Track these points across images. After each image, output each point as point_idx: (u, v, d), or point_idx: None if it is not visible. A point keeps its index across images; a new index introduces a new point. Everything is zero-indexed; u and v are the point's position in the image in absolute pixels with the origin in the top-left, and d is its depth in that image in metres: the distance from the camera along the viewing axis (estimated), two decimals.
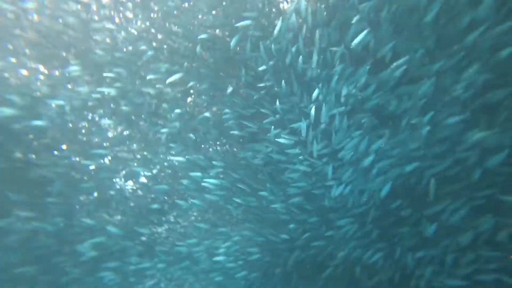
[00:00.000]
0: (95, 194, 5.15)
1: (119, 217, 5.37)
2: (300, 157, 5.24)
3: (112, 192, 5.26)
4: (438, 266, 4.69)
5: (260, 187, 5.70)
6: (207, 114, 4.76)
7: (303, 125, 4.78)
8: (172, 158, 5.23)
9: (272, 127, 4.96)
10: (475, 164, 4.52)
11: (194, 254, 6.36)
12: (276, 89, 5.02)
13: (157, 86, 4.77)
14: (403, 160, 5.04)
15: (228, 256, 6.10)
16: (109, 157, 4.89)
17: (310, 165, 5.19)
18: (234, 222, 6.24)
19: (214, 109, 5.19)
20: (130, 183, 5.42)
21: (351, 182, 5.14)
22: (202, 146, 5.60)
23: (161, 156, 5.21)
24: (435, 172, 4.81)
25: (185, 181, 5.70)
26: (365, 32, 4.41)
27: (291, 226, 5.62)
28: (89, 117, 4.89)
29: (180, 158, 5.23)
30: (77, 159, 4.91)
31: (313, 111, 4.80)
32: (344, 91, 4.73)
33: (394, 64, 4.62)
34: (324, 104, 4.83)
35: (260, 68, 4.90)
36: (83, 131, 4.94)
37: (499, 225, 4.31)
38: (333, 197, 5.10)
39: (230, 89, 4.75)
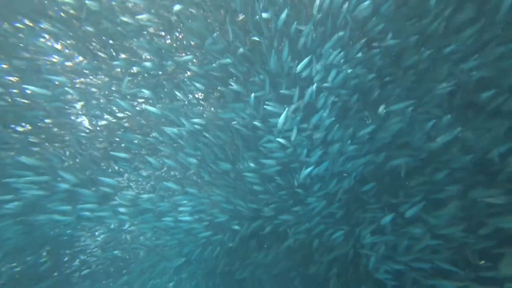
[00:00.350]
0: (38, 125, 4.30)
1: (69, 158, 4.76)
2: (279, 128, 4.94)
3: (63, 128, 4.53)
4: (390, 250, 4.92)
5: (235, 152, 5.39)
6: (187, 57, 4.08)
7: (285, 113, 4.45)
8: (139, 103, 4.61)
9: (253, 94, 4.51)
10: (446, 160, 4.57)
11: (156, 210, 6.12)
12: (264, 46, 4.49)
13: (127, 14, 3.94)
14: (376, 147, 4.99)
15: (192, 215, 5.95)
16: (61, 84, 4.04)
17: (288, 138, 4.94)
18: (202, 184, 5.98)
19: (196, 56, 4.53)
20: (86, 122, 4.72)
21: (321, 163, 5.03)
22: (177, 97, 5.02)
23: (127, 98, 4.53)
24: (405, 163, 4.82)
25: (154, 134, 5.19)
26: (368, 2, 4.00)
27: (260, 196, 5.51)
28: (32, 31, 3.88)
29: (150, 108, 4.66)
30: (14, 79, 4.01)
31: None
32: (335, 62, 4.37)
33: (386, 43, 4.33)
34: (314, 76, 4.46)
35: (255, 18, 4.29)
36: (22, 44, 3.98)
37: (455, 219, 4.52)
38: (302, 177, 4.99)
39: (214, 34, 4.10)
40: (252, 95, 4.56)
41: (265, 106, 4.74)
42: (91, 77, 4.38)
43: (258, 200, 5.65)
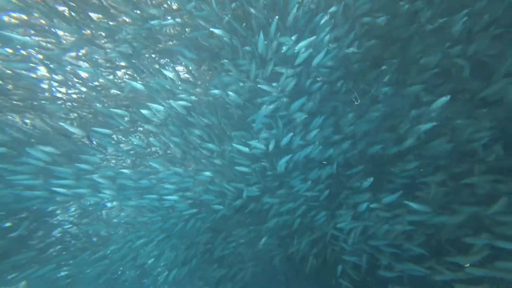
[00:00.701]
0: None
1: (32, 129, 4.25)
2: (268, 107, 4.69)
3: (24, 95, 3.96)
4: (365, 235, 5.06)
5: (222, 133, 5.12)
6: (174, 20, 3.54)
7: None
8: (112, 71, 4.09)
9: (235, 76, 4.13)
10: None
11: (139, 187, 5.86)
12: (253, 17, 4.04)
13: None
14: (361, 132, 4.89)
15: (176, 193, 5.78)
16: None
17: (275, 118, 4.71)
18: (187, 163, 5.75)
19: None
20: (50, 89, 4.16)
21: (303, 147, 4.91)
22: (162, 66, 4.55)
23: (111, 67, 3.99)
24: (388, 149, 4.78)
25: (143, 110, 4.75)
26: None
27: (246, 177, 5.38)
28: None
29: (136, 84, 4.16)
30: None
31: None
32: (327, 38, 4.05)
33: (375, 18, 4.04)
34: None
35: None
36: None
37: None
38: (282, 163, 4.86)
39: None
40: (235, 74, 4.20)
41: (250, 83, 4.42)
42: (51, 38, 3.78)
43: (243, 180, 5.54)
